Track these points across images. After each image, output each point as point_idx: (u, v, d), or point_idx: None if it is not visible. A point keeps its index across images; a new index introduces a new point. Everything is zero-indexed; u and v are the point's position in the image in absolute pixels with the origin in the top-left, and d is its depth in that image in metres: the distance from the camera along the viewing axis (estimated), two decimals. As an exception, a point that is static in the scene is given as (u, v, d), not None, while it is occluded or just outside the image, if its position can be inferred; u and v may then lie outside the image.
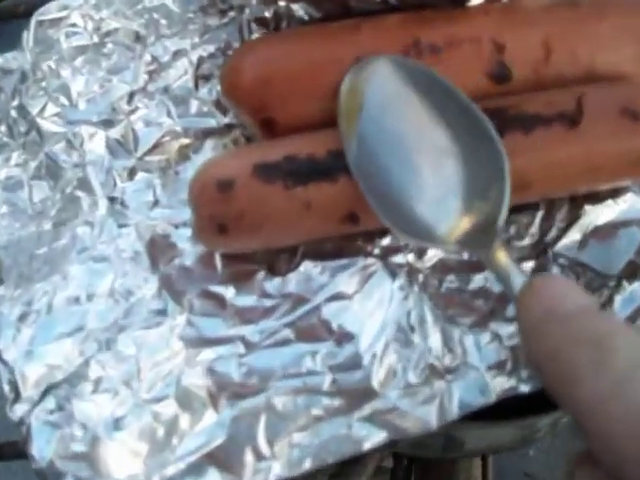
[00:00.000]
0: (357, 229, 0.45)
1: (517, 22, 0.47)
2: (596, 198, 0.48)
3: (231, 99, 0.47)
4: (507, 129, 0.42)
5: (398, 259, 0.46)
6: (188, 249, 0.47)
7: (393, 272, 0.46)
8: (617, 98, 0.44)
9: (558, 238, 0.47)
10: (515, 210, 0.45)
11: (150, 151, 0.51)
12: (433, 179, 0.41)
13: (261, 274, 0.46)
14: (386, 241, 0.47)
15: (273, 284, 0.46)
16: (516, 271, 0.36)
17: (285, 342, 0.43)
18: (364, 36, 0.46)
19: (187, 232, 0.47)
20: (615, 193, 0.48)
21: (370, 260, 0.46)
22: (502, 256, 0.37)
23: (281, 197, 0.42)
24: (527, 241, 0.47)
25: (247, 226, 0.43)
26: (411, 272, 0.46)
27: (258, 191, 0.42)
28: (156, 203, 0.50)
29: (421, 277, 0.46)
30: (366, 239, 0.47)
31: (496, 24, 0.46)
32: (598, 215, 0.48)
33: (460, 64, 0.45)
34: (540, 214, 0.48)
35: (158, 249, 0.48)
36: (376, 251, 0.47)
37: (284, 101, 0.45)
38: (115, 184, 0.50)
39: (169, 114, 0.52)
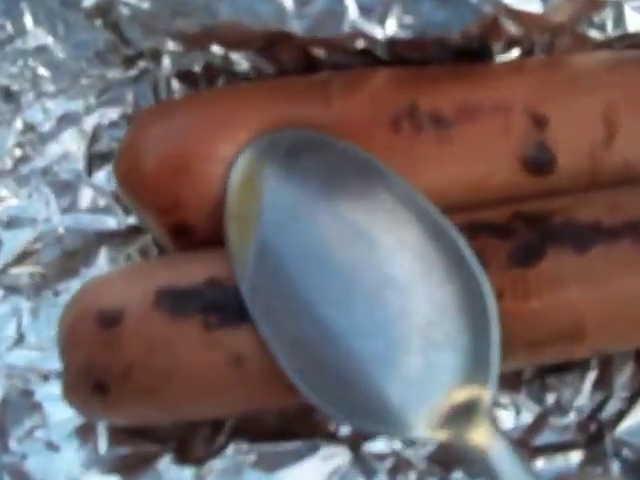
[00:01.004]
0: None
1: (565, 85, 0.37)
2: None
3: (129, 192, 0.37)
4: (551, 245, 0.33)
5: (377, 446, 0.36)
6: (58, 416, 0.37)
7: (369, 468, 0.36)
8: None
9: (620, 416, 0.37)
10: (554, 369, 0.38)
11: (18, 261, 0.42)
12: (378, 323, 0.32)
13: (165, 460, 0.36)
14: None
15: (183, 476, 0.36)
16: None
17: None
18: (334, 100, 0.35)
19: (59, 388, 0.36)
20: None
21: (334, 447, 0.36)
22: (495, 447, 0.29)
23: (196, 342, 0.32)
24: (572, 418, 0.37)
25: (139, 387, 0.32)
26: (398, 467, 0.36)
27: (160, 331, 0.32)
28: (20, 340, 0.40)
29: (414, 476, 0.36)
30: (328, 413, 0.38)
31: (533, 87, 0.36)
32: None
33: (479, 144, 0.36)
34: (592, 376, 0.38)
35: (12, 413, 0.38)
36: (343, 432, 0.37)
37: (206, 197, 0.35)
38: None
39: (48, 207, 0.42)
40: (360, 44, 0.35)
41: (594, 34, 0.40)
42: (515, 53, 0.39)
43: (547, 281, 0.32)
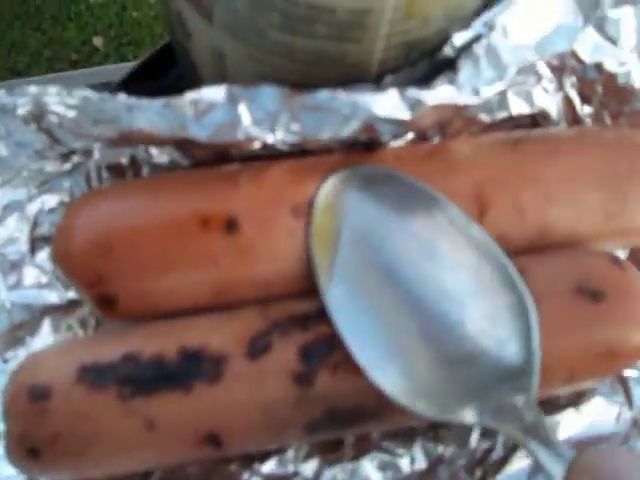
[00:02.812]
0: (222, 453, 0.36)
1: (439, 169, 0.39)
2: (554, 405, 0.40)
3: (62, 268, 0.38)
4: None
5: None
6: (5, 472, 0.38)
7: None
8: (569, 273, 0.37)
9: (502, 463, 0.40)
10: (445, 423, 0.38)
11: None
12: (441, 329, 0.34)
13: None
14: (270, 466, 0.39)
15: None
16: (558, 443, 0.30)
17: None
18: (241, 185, 0.37)
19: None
20: (578, 398, 0.41)
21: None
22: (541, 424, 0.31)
23: (114, 412, 0.34)
24: (460, 464, 0.40)
25: (64, 451, 0.34)
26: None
27: (82, 403, 0.34)
28: None
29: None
30: (242, 464, 0.39)
31: (411, 172, 0.38)
32: (555, 429, 0.40)
33: None
34: (479, 428, 0.40)
35: None
36: (257, 480, 0.37)
37: (127, 273, 0.36)
38: None
39: None
40: (257, 145, 0.37)
41: (483, 117, 0.43)
42: (410, 135, 0.41)
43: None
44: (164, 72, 0.51)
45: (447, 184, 0.38)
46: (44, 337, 0.42)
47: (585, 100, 0.45)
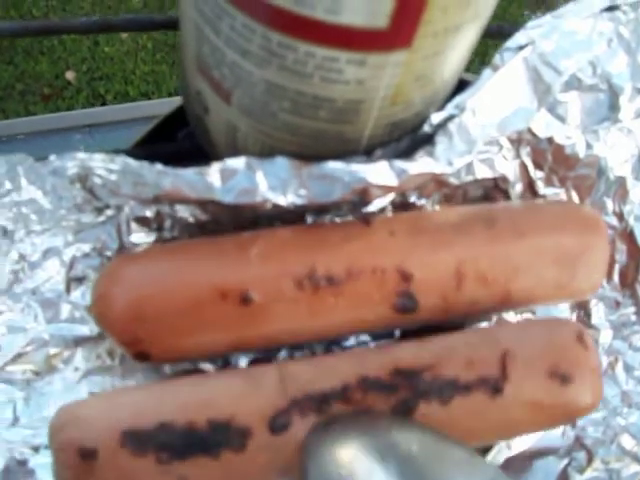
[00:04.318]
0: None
1: (426, 245, 0.44)
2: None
3: (102, 327, 0.44)
4: (422, 398, 0.40)
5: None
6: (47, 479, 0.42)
7: None
8: (544, 357, 0.42)
9: None
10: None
11: (13, 360, 0.47)
12: None
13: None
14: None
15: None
16: None
17: None
18: (253, 261, 0.43)
19: (49, 458, 0.41)
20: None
21: None
22: None
23: (153, 472, 0.38)
24: None
25: None
26: None
27: (126, 465, 0.37)
28: (15, 421, 0.46)
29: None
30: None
31: (402, 248, 0.44)
32: (510, 444, 0.46)
33: (361, 297, 0.43)
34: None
35: (12, 479, 0.43)
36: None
37: (158, 336, 0.42)
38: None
39: (36, 319, 0.48)
40: (269, 205, 0.43)
41: (452, 180, 0.50)
42: (391, 196, 0.49)
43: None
44: (173, 134, 0.59)
45: (432, 259, 0.44)
46: (77, 364, 0.48)
47: (538, 166, 0.53)
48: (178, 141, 0.57)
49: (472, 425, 0.41)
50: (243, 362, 0.50)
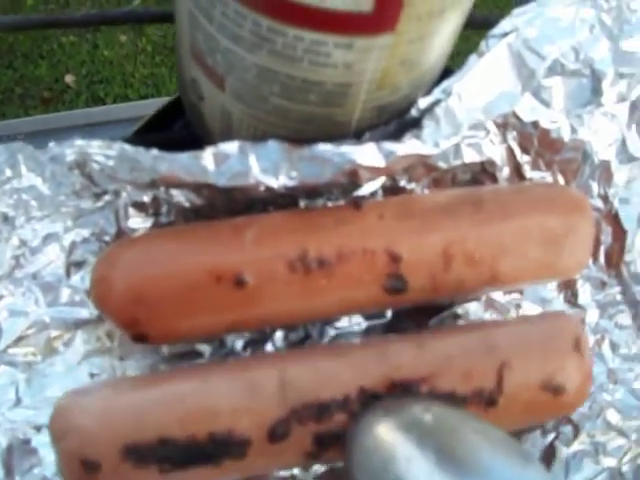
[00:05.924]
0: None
1: (414, 228, 0.45)
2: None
3: (101, 310, 0.45)
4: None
5: None
6: (49, 457, 0.44)
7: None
8: (540, 369, 0.42)
9: None
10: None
11: (15, 343, 0.48)
12: None
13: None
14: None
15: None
16: None
17: None
18: (247, 245, 0.44)
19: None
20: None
21: None
22: None
23: None
24: None
25: None
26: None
27: (128, 476, 0.38)
28: (18, 402, 0.47)
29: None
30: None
31: (391, 231, 0.45)
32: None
33: (352, 278, 0.43)
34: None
35: (16, 457, 0.45)
36: None
37: (156, 318, 0.43)
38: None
39: (37, 303, 0.49)
40: (262, 188, 0.44)
41: (441, 164, 0.51)
42: (382, 180, 0.50)
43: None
44: (170, 125, 0.60)
45: (421, 241, 0.45)
46: (77, 347, 0.49)
47: (524, 150, 0.54)
48: (174, 131, 0.58)
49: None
50: (239, 344, 0.52)
